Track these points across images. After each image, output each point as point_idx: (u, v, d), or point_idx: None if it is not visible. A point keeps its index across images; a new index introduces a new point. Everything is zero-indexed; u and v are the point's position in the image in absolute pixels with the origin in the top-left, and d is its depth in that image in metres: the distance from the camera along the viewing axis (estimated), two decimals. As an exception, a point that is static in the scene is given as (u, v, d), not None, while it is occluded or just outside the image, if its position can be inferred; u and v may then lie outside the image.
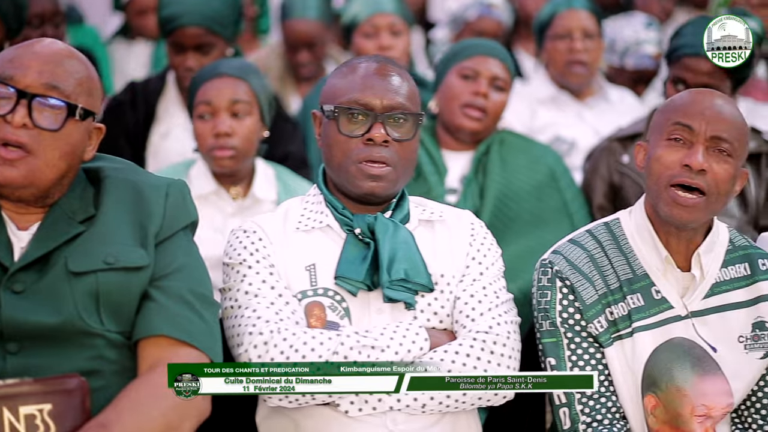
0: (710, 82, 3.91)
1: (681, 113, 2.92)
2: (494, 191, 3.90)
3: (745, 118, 2.97)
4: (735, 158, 2.91)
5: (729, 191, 2.92)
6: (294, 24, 5.12)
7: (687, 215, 2.89)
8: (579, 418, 2.95)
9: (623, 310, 2.96)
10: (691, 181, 2.88)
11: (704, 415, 2.96)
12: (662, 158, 2.91)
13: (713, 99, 2.94)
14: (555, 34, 4.81)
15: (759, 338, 2.99)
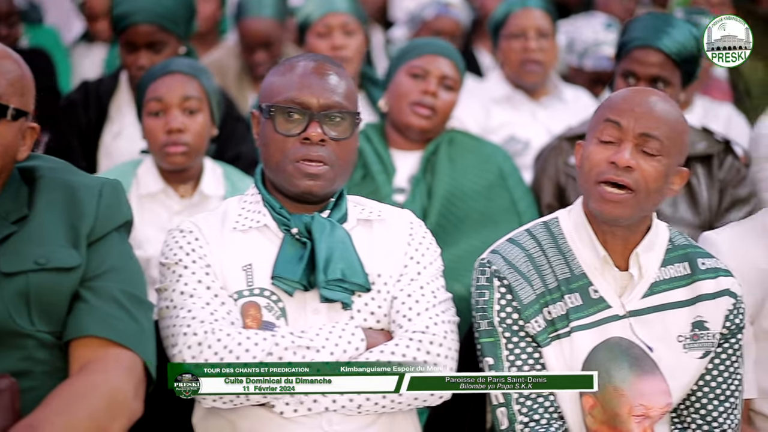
0: (660, 74, 3.91)
1: (612, 111, 2.92)
2: (442, 191, 3.89)
3: (680, 116, 2.95)
4: (666, 156, 2.89)
5: (660, 189, 2.90)
6: (250, 23, 5.10)
7: (615, 211, 2.88)
8: (516, 417, 2.94)
9: (561, 310, 2.95)
10: (617, 178, 2.87)
11: (642, 415, 2.95)
12: (592, 156, 2.90)
13: (645, 96, 2.93)
14: (509, 33, 4.81)
15: (698, 338, 2.98)
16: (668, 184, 2.93)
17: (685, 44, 3.93)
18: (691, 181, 4.02)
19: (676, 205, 3.96)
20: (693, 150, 4.03)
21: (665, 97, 2.95)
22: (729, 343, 3.01)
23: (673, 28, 3.96)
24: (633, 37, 4.01)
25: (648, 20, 4.04)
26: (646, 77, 3.92)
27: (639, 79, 3.93)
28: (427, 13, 5.35)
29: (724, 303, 2.99)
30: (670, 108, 2.93)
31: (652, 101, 2.91)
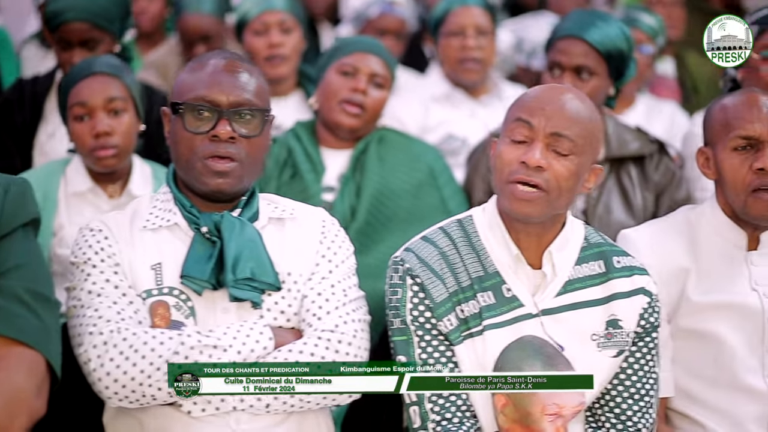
0: (584, 64, 3.90)
1: (523, 110, 2.90)
2: (371, 189, 3.87)
3: (593, 114, 2.92)
4: (578, 155, 2.87)
5: (572, 188, 2.88)
6: (188, 19, 5.07)
7: (526, 209, 2.86)
8: (429, 416, 2.92)
9: (474, 308, 2.93)
10: (528, 178, 2.84)
11: (555, 414, 2.93)
12: (503, 155, 2.88)
13: (557, 95, 2.90)
14: (448, 31, 4.78)
15: (612, 336, 2.96)
16: (582, 182, 2.91)
17: (612, 38, 3.92)
18: (624, 182, 4.00)
19: (610, 207, 3.94)
20: (626, 150, 4.02)
21: (578, 95, 2.93)
22: (644, 341, 2.99)
23: (601, 21, 3.96)
24: (557, 29, 4.01)
25: (577, 14, 4.04)
26: (570, 67, 3.91)
27: (564, 69, 3.93)
28: (372, 11, 5.32)
29: (639, 301, 2.98)
30: (582, 106, 2.90)
31: (563, 100, 2.89)
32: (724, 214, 3.20)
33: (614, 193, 3.98)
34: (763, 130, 3.12)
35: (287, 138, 3.99)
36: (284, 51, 4.58)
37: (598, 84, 3.93)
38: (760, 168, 3.11)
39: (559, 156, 2.86)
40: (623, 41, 3.96)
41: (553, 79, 3.96)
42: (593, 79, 3.92)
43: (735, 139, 3.13)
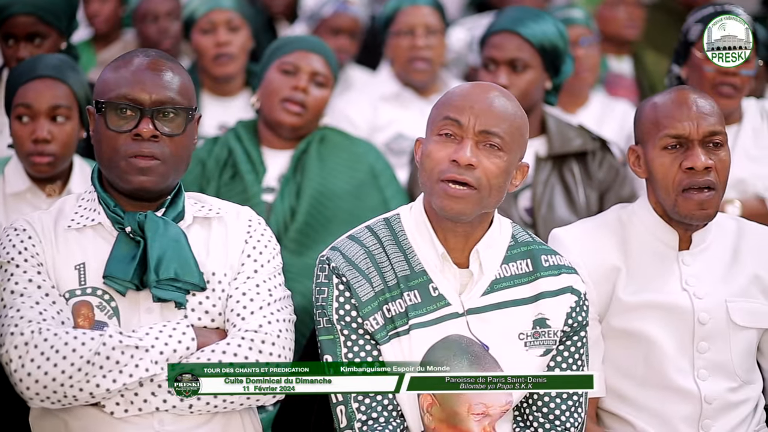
0: (518, 57, 3.91)
1: (451, 108, 2.88)
2: (311, 190, 3.86)
3: (520, 111, 2.91)
4: (507, 152, 2.86)
5: (502, 185, 2.87)
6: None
7: (458, 207, 2.84)
8: (355, 416, 2.91)
9: (400, 307, 2.92)
10: (459, 176, 2.83)
11: (482, 414, 2.92)
12: (432, 154, 2.87)
13: (485, 92, 2.89)
14: (398, 30, 4.78)
15: (539, 335, 2.96)
16: (510, 179, 2.90)
17: (545, 32, 3.93)
18: (567, 179, 4.00)
19: (553, 204, 3.94)
20: (569, 147, 4.02)
21: (504, 93, 2.92)
22: (571, 340, 2.98)
23: (536, 17, 3.98)
24: (493, 25, 4.02)
25: (510, 10, 4.07)
26: (504, 61, 3.93)
27: (498, 64, 3.93)
28: (326, 10, 5.30)
29: (566, 300, 2.97)
30: (509, 104, 2.89)
31: (491, 97, 2.88)
32: (656, 213, 3.19)
33: (557, 191, 3.98)
34: (692, 128, 3.10)
35: (228, 138, 3.97)
36: (231, 50, 4.57)
37: (534, 77, 3.94)
38: (689, 167, 3.09)
39: (489, 153, 2.85)
40: (557, 36, 3.97)
41: (488, 73, 3.97)
42: (528, 72, 3.93)
43: (664, 138, 3.12)
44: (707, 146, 3.12)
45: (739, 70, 4.08)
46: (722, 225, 3.25)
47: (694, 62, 4.13)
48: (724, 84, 4.08)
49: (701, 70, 4.10)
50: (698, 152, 3.10)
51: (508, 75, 3.94)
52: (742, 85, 4.11)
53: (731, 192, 4.09)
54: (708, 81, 4.09)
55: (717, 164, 3.12)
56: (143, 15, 5.12)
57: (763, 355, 3.27)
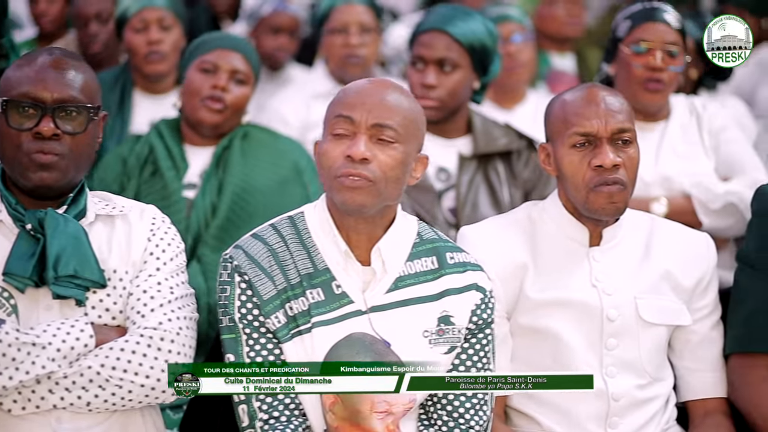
0: (447, 56, 3.91)
1: (343, 106, 2.88)
2: (233, 186, 3.85)
3: (413, 104, 2.91)
4: (403, 143, 2.86)
5: (399, 178, 2.86)
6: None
7: (358, 198, 2.83)
8: (257, 414, 2.89)
9: (303, 306, 2.90)
10: (355, 171, 2.82)
11: (385, 412, 2.91)
12: (328, 152, 2.86)
13: (376, 88, 2.89)
14: (332, 28, 4.77)
15: (444, 333, 2.95)
16: (409, 171, 2.90)
17: (475, 31, 3.93)
18: (492, 178, 4.00)
19: (477, 204, 3.93)
20: (494, 146, 4.01)
21: (396, 87, 2.92)
22: (477, 338, 2.97)
23: (464, 15, 3.97)
24: (422, 23, 4.01)
25: (440, 9, 4.05)
26: (433, 60, 3.92)
27: (427, 63, 3.93)
28: (265, 9, 5.30)
29: (471, 297, 2.96)
30: (401, 97, 2.89)
31: (382, 92, 2.88)
32: (566, 210, 3.19)
33: (482, 190, 3.98)
34: (600, 126, 3.10)
35: (149, 135, 3.96)
36: (163, 48, 4.56)
37: (462, 77, 3.93)
38: (598, 165, 3.09)
39: (383, 146, 2.84)
40: (486, 35, 3.97)
41: (416, 72, 3.96)
42: (456, 72, 3.92)
43: (573, 136, 3.11)
44: (616, 144, 3.12)
45: (666, 67, 4.09)
46: (634, 222, 3.24)
47: (622, 59, 4.13)
48: (651, 80, 4.09)
49: (629, 66, 4.10)
50: (607, 150, 3.09)
51: (436, 74, 3.94)
52: (669, 82, 4.11)
53: (658, 189, 4.10)
54: (635, 77, 4.09)
55: (626, 161, 3.11)
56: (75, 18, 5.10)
57: (674, 352, 3.27)
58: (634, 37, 4.11)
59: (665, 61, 4.09)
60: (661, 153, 4.14)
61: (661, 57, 4.08)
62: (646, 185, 4.09)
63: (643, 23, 4.12)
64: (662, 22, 4.12)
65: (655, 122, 4.18)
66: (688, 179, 4.10)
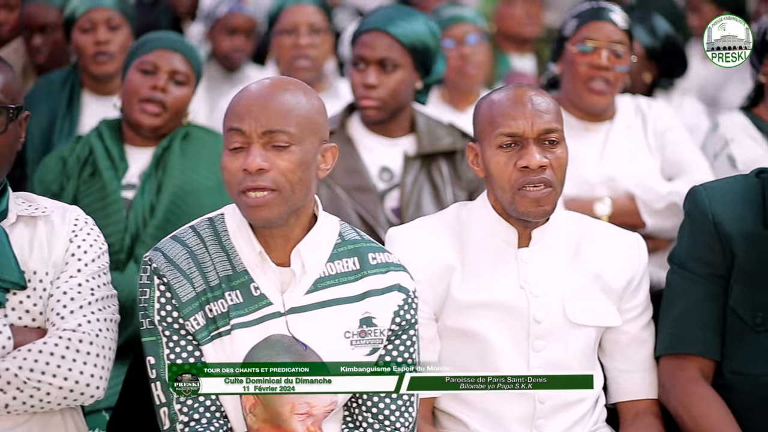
0: (389, 56, 3.91)
1: (231, 119, 2.83)
2: (172, 186, 3.84)
3: (303, 99, 2.84)
4: (300, 144, 2.82)
5: (303, 178, 2.83)
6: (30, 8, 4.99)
7: (264, 214, 2.81)
8: (177, 417, 2.88)
9: (222, 307, 2.89)
10: (254, 184, 2.79)
11: (306, 413, 2.90)
12: (227, 167, 2.83)
13: (261, 92, 2.83)
14: (282, 29, 4.77)
15: (365, 334, 2.93)
16: (314, 167, 2.86)
17: (416, 31, 3.92)
18: (435, 178, 3.98)
19: (421, 205, 3.92)
20: (438, 146, 4.00)
21: (281, 85, 2.85)
22: (400, 339, 2.96)
23: (406, 15, 3.96)
24: (363, 23, 4.00)
25: (382, 9, 4.04)
26: (374, 60, 3.91)
27: (368, 63, 3.91)
28: (221, 10, 5.29)
29: (394, 298, 2.94)
30: (288, 95, 2.84)
31: (268, 96, 2.82)
32: (495, 211, 3.17)
33: (425, 190, 3.96)
34: (527, 127, 3.07)
35: (90, 136, 3.95)
36: (111, 48, 4.54)
37: (403, 77, 3.93)
38: (524, 166, 3.07)
39: (279, 152, 2.81)
40: (428, 35, 3.96)
41: (357, 72, 3.95)
42: (398, 72, 3.92)
43: (499, 136, 3.09)
44: (543, 144, 3.09)
45: (612, 66, 4.08)
46: (565, 223, 3.23)
47: (568, 58, 4.13)
48: (596, 79, 4.08)
49: (574, 65, 4.10)
50: (533, 151, 3.07)
51: (377, 74, 3.93)
52: (615, 81, 4.11)
53: (602, 189, 4.09)
54: (581, 77, 4.09)
55: (553, 162, 3.09)
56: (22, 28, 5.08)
57: (604, 353, 3.25)
58: (580, 36, 4.11)
59: (611, 60, 4.09)
60: (606, 153, 4.14)
61: (607, 56, 4.08)
62: (591, 185, 4.09)
63: (590, 22, 4.12)
64: (609, 22, 4.12)
65: (601, 122, 4.18)
66: (632, 179, 4.10)
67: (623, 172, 4.11)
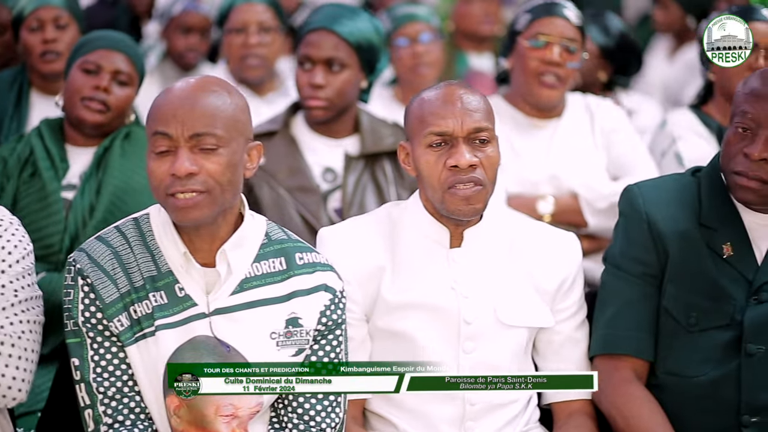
0: (336, 56, 3.88)
1: (157, 121, 2.81)
2: (112, 186, 3.80)
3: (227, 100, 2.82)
4: (227, 146, 2.81)
5: (232, 179, 2.82)
6: None
7: (193, 215, 2.80)
8: (102, 419, 2.86)
9: (147, 308, 2.87)
10: (183, 188, 2.78)
11: (231, 415, 2.88)
12: (154, 172, 2.81)
13: (185, 94, 2.81)
14: (231, 27, 4.74)
15: (291, 335, 2.91)
16: (241, 169, 2.85)
17: (362, 30, 3.90)
18: (379, 178, 3.96)
19: (364, 205, 3.89)
20: (381, 145, 3.98)
21: (205, 86, 2.83)
22: (326, 339, 2.94)
23: (352, 14, 3.94)
24: (308, 22, 3.97)
25: (327, 8, 4.00)
26: (320, 60, 3.88)
27: (314, 62, 3.89)
28: (176, 8, 5.26)
29: (320, 298, 2.93)
30: (213, 96, 2.82)
31: (194, 98, 2.80)
32: (427, 211, 3.15)
33: (369, 190, 3.94)
34: (456, 126, 3.05)
35: (31, 136, 3.92)
36: (59, 47, 4.51)
37: (350, 77, 3.90)
38: (453, 165, 3.05)
39: (207, 155, 2.79)
40: (373, 33, 3.94)
41: (304, 72, 3.92)
42: (345, 71, 3.89)
43: (429, 135, 3.06)
44: (473, 143, 3.07)
45: (563, 62, 4.06)
46: (499, 223, 3.20)
47: (519, 52, 4.11)
48: (547, 74, 4.06)
49: (526, 60, 4.08)
50: (462, 150, 3.05)
51: (324, 74, 3.90)
52: (565, 77, 4.09)
53: (546, 187, 4.07)
54: (531, 71, 4.07)
55: (484, 161, 3.06)
56: None
57: (538, 353, 3.24)
58: (532, 31, 4.09)
59: (563, 56, 4.07)
60: (552, 151, 4.12)
61: (559, 52, 4.06)
62: (535, 183, 4.07)
63: (543, 17, 4.10)
64: (562, 18, 4.10)
65: (549, 119, 4.16)
66: (577, 178, 4.08)
67: (568, 170, 4.09)
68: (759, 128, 3.09)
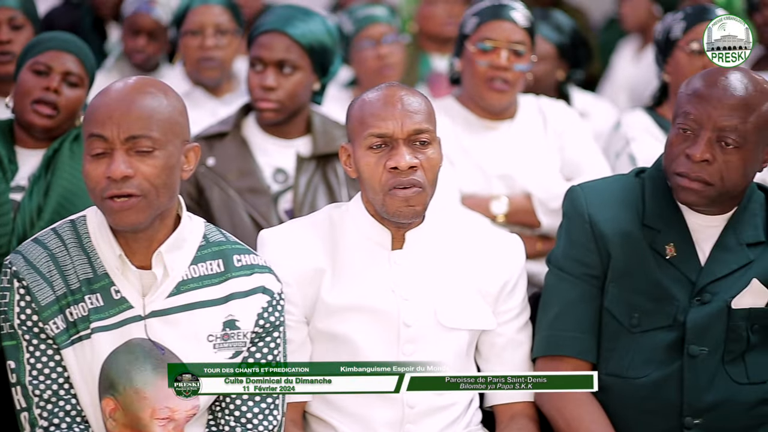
0: (288, 58, 3.87)
1: (92, 124, 2.80)
2: (60, 188, 3.78)
3: (164, 102, 2.83)
4: (162, 147, 2.80)
5: (167, 182, 2.81)
6: None
7: (129, 219, 2.79)
8: (37, 422, 2.86)
9: (83, 311, 2.86)
10: (119, 191, 2.77)
11: (167, 418, 2.88)
12: (89, 174, 2.80)
13: (122, 95, 2.80)
14: (187, 29, 4.71)
15: (229, 337, 2.91)
16: (178, 171, 2.85)
17: (314, 32, 3.89)
18: (331, 179, 3.95)
19: (315, 206, 3.87)
20: (333, 146, 3.96)
21: (141, 87, 2.83)
22: (264, 341, 2.94)
23: (304, 16, 3.92)
24: (260, 24, 3.96)
25: (279, 9, 3.99)
26: (272, 62, 3.87)
27: (266, 65, 3.87)
28: (128, 9, 5.24)
29: (258, 300, 2.92)
30: (149, 98, 2.81)
31: (129, 99, 2.80)
32: (368, 213, 3.14)
33: (320, 191, 3.93)
34: (396, 128, 3.04)
35: (-21, 138, 3.90)
36: (14, 48, 4.46)
37: (302, 79, 3.89)
38: (393, 167, 3.04)
39: (143, 157, 2.79)
40: (326, 35, 3.93)
41: (255, 74, 3.91)
42: (296, 73, 3.88)
43: (369, 137, 3.05)
44: (413, 145, 3.06)
45: (511, 66, 4.05)
46: (441, 224, 3.19)
47: (468, 56, 4.11)
48: (496, 78, 4.05)
49: (473, 63, 4.07)
50: (402, 152, 3.04)
51: (276, 76, 3.89)
52: (515, 80, 4.08)
53: (500, 187, 4.06)
54: (480, 75, 4.06)
55: (424, 162, 3.05)
56: None
57: (480, 355, 3.23)
58: (480, 35, 4.08)
59: (510, 59, 4.05)
60: (505, 151, 4.11)
61: (507, 56, 4.05)
62: (488, 183, 4.06)
63: (489, 21, 4.09)
64: (509, 21, 4.09)
65: (501, 120, 4.15)
66: (530, 178, 4.07)
67: (521, 170, 4.08)
68: (701, 129, 3.09)
